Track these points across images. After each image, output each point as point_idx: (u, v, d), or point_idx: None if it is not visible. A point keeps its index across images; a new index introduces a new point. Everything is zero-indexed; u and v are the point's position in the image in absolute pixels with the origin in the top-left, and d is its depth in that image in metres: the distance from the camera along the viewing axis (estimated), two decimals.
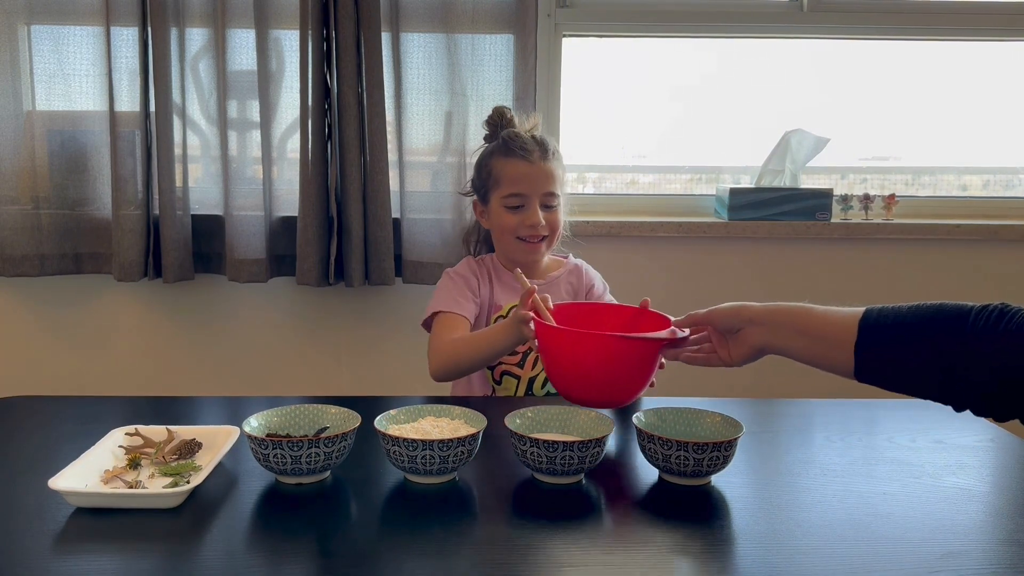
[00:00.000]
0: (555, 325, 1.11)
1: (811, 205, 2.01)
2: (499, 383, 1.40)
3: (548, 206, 1.38)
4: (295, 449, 0.89)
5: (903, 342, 0.81)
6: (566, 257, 1.52)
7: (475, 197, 1.46)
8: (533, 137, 1.39)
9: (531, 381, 1.39)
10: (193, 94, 1.92)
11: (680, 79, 2.18)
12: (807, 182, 2.13)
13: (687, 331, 1.04)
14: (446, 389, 1.44)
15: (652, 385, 1.10)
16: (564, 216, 1.43)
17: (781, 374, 2.09)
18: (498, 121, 1.43)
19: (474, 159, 1.48)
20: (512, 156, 1.37)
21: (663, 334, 1.04)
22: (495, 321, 1.40)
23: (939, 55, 2.16)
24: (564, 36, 2.05)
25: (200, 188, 1.97)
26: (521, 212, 1.37)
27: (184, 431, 1.02)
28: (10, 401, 1.22)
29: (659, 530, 0.84)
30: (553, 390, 1.35)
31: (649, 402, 1.21)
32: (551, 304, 1.15)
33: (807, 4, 2.05)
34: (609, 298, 1.47)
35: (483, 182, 1.42)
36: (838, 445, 1.09)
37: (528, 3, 1.87)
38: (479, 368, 1.34)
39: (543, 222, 1.36)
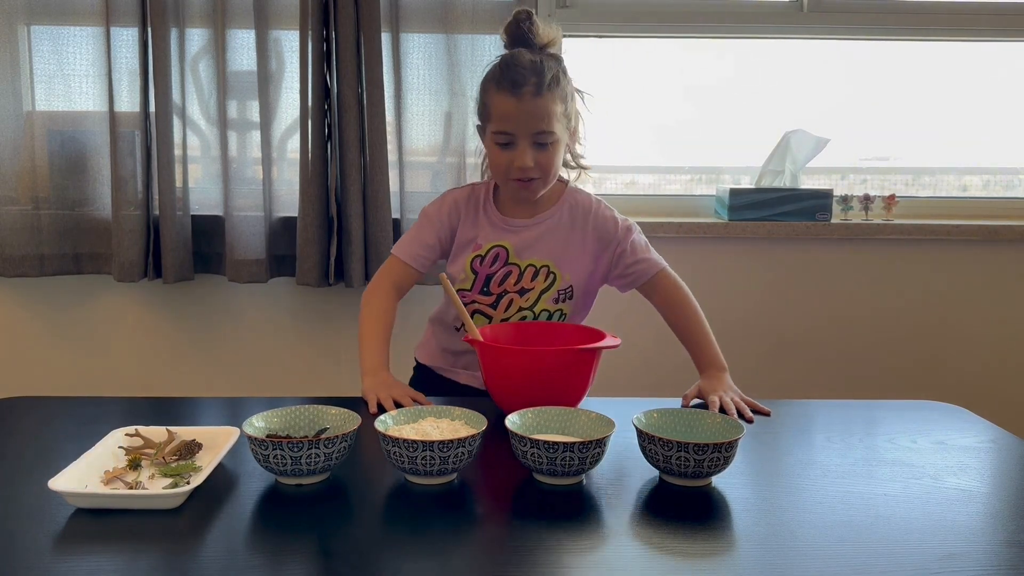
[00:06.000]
0: (481, 340, 1.19)
1: (811, 205, 2.01)
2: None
3: (540, 144, 1.26)
4: (295, 450, 0.89)
5: None
6: (566, 183, 1.41)
7: (478, 122, 1.36)
8: (533, 63, 1.25)
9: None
10: (193, 94, 1.92)
11: (680, 79, 2.18)
12: (807, 182, 2.13)
13: (617, 340, 1.17)
14: (447, 389, 1.44)
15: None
16: (573, 145, 1.35)
17: (782, 375, 2.10)
18: (514, 32, 1.29)
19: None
20: (502, 89, 1.25)
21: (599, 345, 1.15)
22: (471, 261, 1.34)
23: (939, 55, 2.16)
24: (564, 36, 2.04)
25: (200, 188, 1.97)
26: (511, 151, 1.26)
27: (184, 432, 1.02)
28: (10, 401, 1.22)
29: (659, 531, 0.84)
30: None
31: (649, 403, 1.21)
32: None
33: (807, 4, 2.05)
34: (635, 239, 1.37)
35: (481, 110, 1.32)
36: (839, 446, 1.09)
37: (528, 3, 1.87)
38: None
39: (532, 164, 1.26)
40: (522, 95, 1.23)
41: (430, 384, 1.44)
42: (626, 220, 1.39)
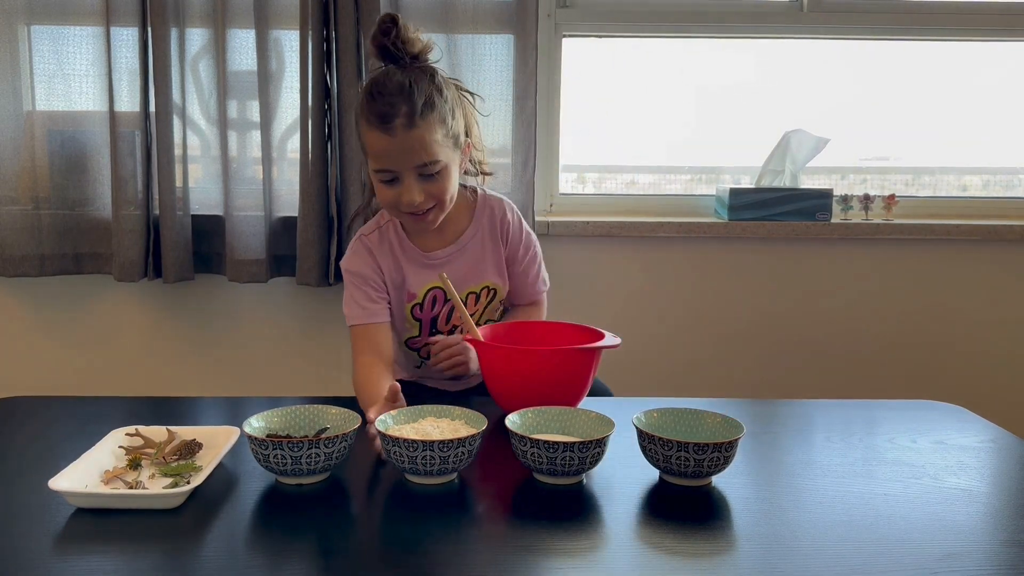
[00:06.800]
0: (482, 340, 1.18)
1: (811, 205, 2.01)
2: (427, 359, 1.33)
3: (428, 175, 1.16)
4: (295, 450, 0.89)
5: None
6: (476, 192, 1.33)
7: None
8: (402, 87, 1.12)
9: None
10: (193, 94, 1.92)
11: (680, 79, 2.18)
12: (807, 182, 2.13)
13: (617, 340, 1.15)
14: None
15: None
16: (470, 154, 1.26)
17: (781, 374, 2.10)
18: (380, 44, 1.15)
19: None
20: (372, 126, 1.13)
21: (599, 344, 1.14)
22: (411, 311, 1.31)
23: (939, 55, 2.16)
24: (564, 36, 2.05)
25: (200, 188, 1.97)
26: (396, 187, 1.17)
27: (184, 431, 1.02)
28: (10, 401, 1.22)
29: (659, 530, 0.84)
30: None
31: (650, 403, 1.21)
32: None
33: (807, 4, 2.05)
34: (540, 259, 1.38)
35: (359, 143, 1.21)
36: (838, 446, 1.09)
37: (528, 3, 1.87)
38: None
39: (421, 198, 1.16)
40: (393, 130, 1.12)
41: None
42: (530, 233, 1.38)
